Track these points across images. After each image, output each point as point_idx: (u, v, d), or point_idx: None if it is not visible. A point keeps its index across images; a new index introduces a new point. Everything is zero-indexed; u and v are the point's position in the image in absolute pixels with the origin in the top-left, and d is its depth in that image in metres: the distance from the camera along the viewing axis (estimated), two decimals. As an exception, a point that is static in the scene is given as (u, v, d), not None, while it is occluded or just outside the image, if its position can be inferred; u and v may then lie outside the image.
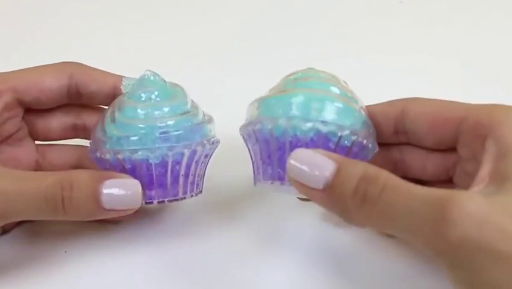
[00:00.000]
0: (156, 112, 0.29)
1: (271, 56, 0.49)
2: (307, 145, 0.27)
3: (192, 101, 0.31)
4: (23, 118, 0.32)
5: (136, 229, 0.33)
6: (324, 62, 0.48)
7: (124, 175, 0.28)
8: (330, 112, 0.27)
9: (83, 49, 0.50)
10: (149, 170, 0.29)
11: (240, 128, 0.30)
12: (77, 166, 0.34)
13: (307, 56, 0.49)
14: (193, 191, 0.31)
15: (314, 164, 0.25)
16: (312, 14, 0.55)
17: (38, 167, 0.33)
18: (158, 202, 0.30)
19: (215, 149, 0.31)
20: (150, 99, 0.29)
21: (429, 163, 0.30)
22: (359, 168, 0.24)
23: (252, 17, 0.56)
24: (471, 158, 0.27)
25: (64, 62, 0.33)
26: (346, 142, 0.27)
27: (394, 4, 0.57)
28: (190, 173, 0.30)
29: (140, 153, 0.28)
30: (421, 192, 0.23)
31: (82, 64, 0.33)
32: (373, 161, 0.29)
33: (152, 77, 0.30)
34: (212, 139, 0.31)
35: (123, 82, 0.31)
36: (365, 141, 0.28)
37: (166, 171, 0.29)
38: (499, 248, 0.21)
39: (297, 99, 0.27)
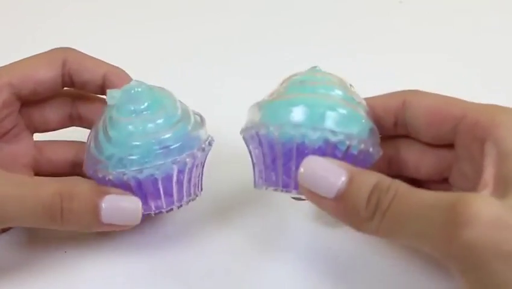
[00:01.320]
0: (150, 126, 0.28)
1: (271, 56, 0.49)
2: (314, 152, 0.26)
3: (180, 103, 0.30)
4: (19, 112, 0.32)
5: (135, 229, 0.33)
6: (324, 62, 0.48)
7: (124, 192, 0.28)
8: (339, 121, 0.26)
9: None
10: (154, 185, 0.29)
11: (242, 130, 0.30)
12: (75, 161, 0.34)
13: (307, 56, 0.49)
14: (195, 192, 0.31)
15: (326, 173, 0.25)
16: (312, 14, 0.55)
17: (35, 163, 0.33)
18: (167, 211, 0.30)
19: (211, 148, 0.31)
20: (141, 112, 0.28)
21: (423, 162, 0.30)
22: (372, 178, 0.24)
23: (252, 17, 0.56)
24: (469, 159, 0.27)
25: (56, 49, 0.32)
26: (353, 151, 0.27)
27: (394, 4, 0.57)
28: (192, 177, 0.30)
29: (145, 171, 0.28)
30: (431, 197, 0.23)
31: (74, 50, 0.33)
32: None
33: (138, 88, 0.29)
34: (209, 140, 0.31)
35: (107, 94, 0.29)
36: (371, 149, 0.27)
37: (171, 182, 0.29)
38: (510, 249, 0.21)
39: (305, 105, 0.27)
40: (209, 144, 0.31)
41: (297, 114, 0.27)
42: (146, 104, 0.28)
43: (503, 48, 0.49)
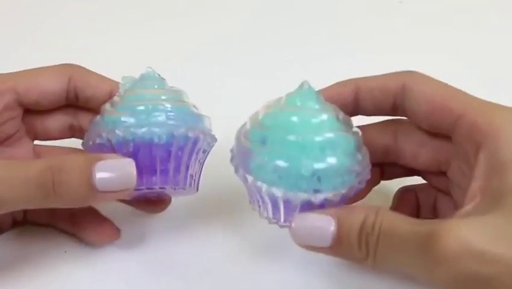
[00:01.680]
0: (157, 97, 0.29)
1: (271, 56, 0.49)
2: (302, 205, 0.26)
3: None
4: (22, 118, 0.32)
5: (136, 229, 0.34)
6: (324, 62, 0.48)
7: (116, 155, 0.27)
8: (324, 176, 0.26)
9: (83, 49, 0.50)
10: (152, 153, 0.28)
11: (232, 159, 0.29)
12: None
13: (307, 56, 0.49)
14: (191, 185, 0.30)
15: (315, 227, 0.26)
16: (312, 14, 0.55)
17: None
18: (160, 188, 0.29)
19: (212, 147, 0.31)
20: (152, 88, 0.29)
21: (421, 153, 0.30)
22: (359, 218, 0.25)
23: (252, 17, 0.56)
24: (465, 158, 0.27)
25: (63, 64, 0.33)
26: (339, 197, 0.27)
27: (394, 4, 0.57)
28: (191, 164, 0.30)
29: (145, 129, 0.28)
30: (409, 231, 0.23)
31: (80, 67, 0.33)
32: (367, 144, 0.29)
33: (151, 74, 0.30)
34: (212, 133, 0.31)
35: (122, 79, 0.30)
36: (359, 184, 0.27)
37: (169, 156, 0.29)
38: (486, 275, 0.22)
39: (290, 163, 0.26)
40: (211, 137, 0.30)
41: (282, 174, 0.26)
42: (156, 86, 0.30)
43: (503, 48, 0.49)
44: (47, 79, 0.31)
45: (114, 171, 0.27)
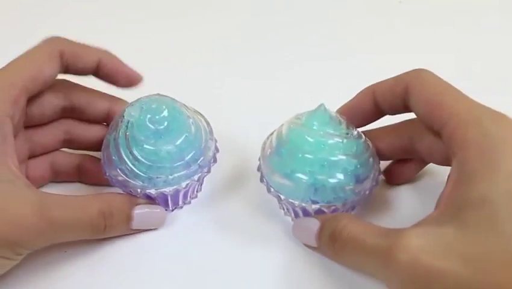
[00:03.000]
0: (171, 148, 0.31)
1: (271, 56, 0.49)
2: (304, 211, 0.31)
3: (186, 108, 0.32)
4: None
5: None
6: (323, 62, 0.48)
7: (151, 203, 0.32)
8: (325, 192, 0.30)
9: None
10: (177, 194, 0.32)
11: (258, 169, 0.32)
12: (65, 140, 0.35)
13: (307, 56, 0.49)
14: (202, 184, 0.35)
15: (305, 229, 0.30)
16: (312, 14, 0.55)
17: (30, 153, 0.34)
18: (185, 204, 0.34)
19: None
20: (162, 133, 0.31)
21: (434, 151, 0.30)
22: (330, 225, 0.29)
23: (252, 17, 0.56)
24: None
25: (50, 40, 0.33)
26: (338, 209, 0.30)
27: (394, 4, 0.57)
28: (203, 179, 0.34)
29: (171, 188, 0.32)
30: (371, 244, 0.26)
31: (66, 40, 0.33)
32: (385, 148, 0.32)
33: (156, 116, 0.31)
34: (217, 147, 0.33)
35: (126, 113, 0.31)
36: (368, 192, 0.31)
37: (189, 189, 0.33)
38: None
39: (308, 181, 0.30)
40: (217, 150, 0.33)
41: (303, 191, 0.30)
42: (165, 123, 0.31)
43: (503, 48, 0.49)
44: (45, 66, 0.32)
45: (147, 217, 0.32)
